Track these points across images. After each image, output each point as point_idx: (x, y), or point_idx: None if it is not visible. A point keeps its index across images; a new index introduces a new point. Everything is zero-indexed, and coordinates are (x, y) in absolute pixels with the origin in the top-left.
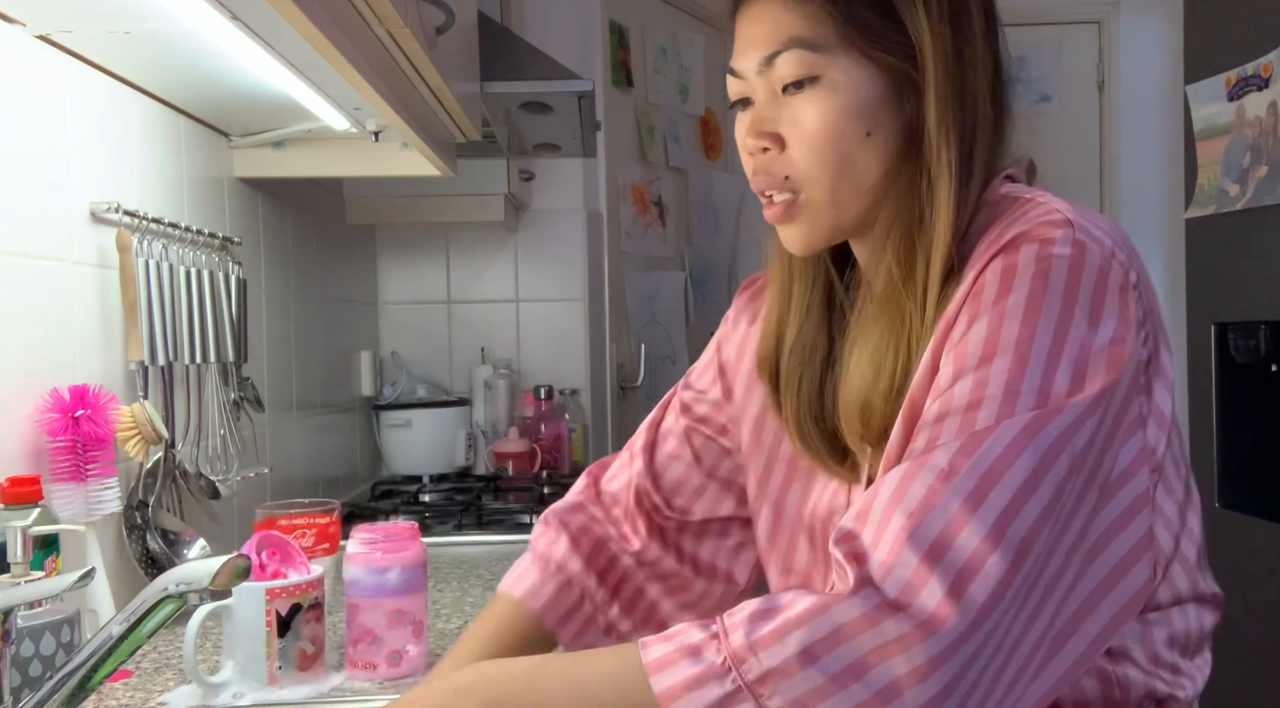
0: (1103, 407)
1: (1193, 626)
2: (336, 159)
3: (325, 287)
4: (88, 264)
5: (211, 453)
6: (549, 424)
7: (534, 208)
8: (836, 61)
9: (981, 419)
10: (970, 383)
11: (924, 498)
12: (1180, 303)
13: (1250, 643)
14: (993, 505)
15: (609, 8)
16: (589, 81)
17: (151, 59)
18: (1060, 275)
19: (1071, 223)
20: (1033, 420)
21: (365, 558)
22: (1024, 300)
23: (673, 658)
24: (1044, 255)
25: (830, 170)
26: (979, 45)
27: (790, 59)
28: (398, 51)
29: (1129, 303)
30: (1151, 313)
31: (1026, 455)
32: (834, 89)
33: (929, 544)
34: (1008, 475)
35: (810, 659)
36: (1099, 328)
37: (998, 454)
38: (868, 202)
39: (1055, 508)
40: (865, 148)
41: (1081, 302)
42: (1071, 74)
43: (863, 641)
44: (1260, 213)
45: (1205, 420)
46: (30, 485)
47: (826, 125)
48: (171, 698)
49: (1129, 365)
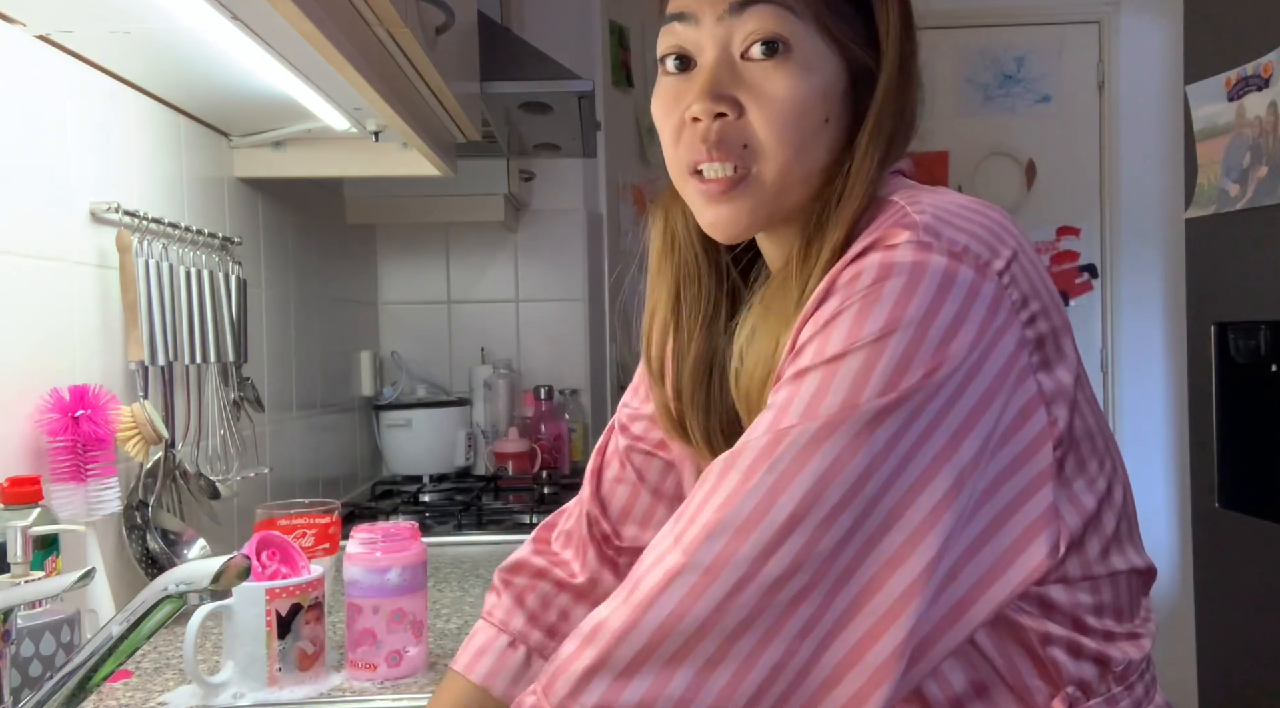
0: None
1: (1121, 595)
2: (336, 159)
3: (325, 287)
4: (88, 264)
5: (211, 453)
6: (549, 424)
7: (534, 208)
8: (809, 38)
9: (789, 417)
10: (785, 393)
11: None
12: (1180, 303)
13: (1250, 643)
14: (784, 504)
15: (609, 8)
16: (589, 81)
17: (151, 59)
18: (897, 283)
19: (919, 226)
20: (831, 419)
21: (365, 558)
22: (856, 311)
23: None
24: (885, 262)
25: (789, 147)
26: (915, 39)
27: (763, 13)
28: (398, 51)
29: (980, 297)
30: (1037, 292)
31: (821, 453)
32: (806, 66)
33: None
34: (798, 479)
35: (620, 689)
36: (929, 330)
37: (792, 457)
38: (808, 189)
39: (858, 497)
40: (821, 133)
41: (915, 306)
42: (1071, 74)
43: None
44: (1260, 213)
45: (1205, 420)
46: (30, 485)
47: (796, 101)
48: (171, 698)
49: (978, 356)
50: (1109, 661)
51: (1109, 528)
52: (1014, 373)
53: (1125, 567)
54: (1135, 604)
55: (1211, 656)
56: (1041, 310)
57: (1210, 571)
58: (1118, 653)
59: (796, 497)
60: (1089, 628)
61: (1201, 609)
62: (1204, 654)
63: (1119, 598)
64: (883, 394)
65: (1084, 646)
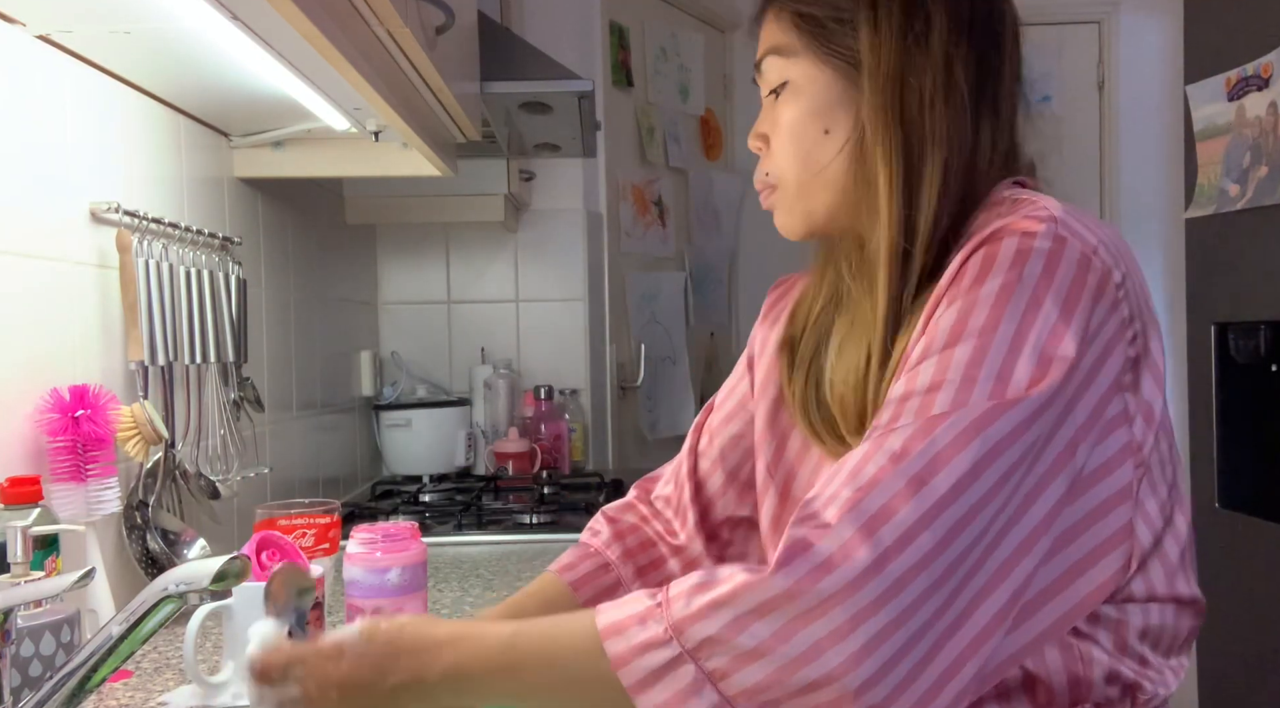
0: (1065, 398)
1: (1168, 623)
2: (336, 159)
3: (325, 287)
4: (88, 264)
5: (211, 453)
6: (549, 424)
7: (534, 208)
8: (800, 66)
9: (939, 403)
10: (934, 366)
11: (873, 476)
12: (1180, 303)
13: (1250, 643)
14: (935, 489)
15: (609, 8)
16: (589, 81)
17: (151, 59)
18: (1036, 266)
19: (1056, 219)
20: (987, 412)
21: (365, 558)
22: (996, 289)
23: (624, 625)
24: (1023, 246)
25: (795, 165)
26: (936, 54)
27: (769, 65)
28: (398, 51)
29: (1105, 298)
30: (1141, 313)
31: (974, 446)
32: (797, 91)
33: (867, 517)
34: (954, 462)
35: (740, 629)
36: (1070, 321)
37: (948, 442)
38: (834, 193)
39: (999, 495)
40: (824, 144)
41: (1054, 293)
42: (1071, 74)
43: (789, 609)
44: (1260, 213)
45: (1205, 420)
46: (30, 485)
47: (791, 124)
48: (171, 698)
49: (1097, 360)
50: (1136, 688)
51: (1173, 554)
52: (1117, 383)
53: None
54: (1176, 642)
55: (1211, 656)
56: (1142, 331)
57: (1210, 571)
58: (1146, 683)
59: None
60: (1129, 650)
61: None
62: (1204, 654)
63: (1163, 626)
64: (1031, 386)
65: (1120, 672)
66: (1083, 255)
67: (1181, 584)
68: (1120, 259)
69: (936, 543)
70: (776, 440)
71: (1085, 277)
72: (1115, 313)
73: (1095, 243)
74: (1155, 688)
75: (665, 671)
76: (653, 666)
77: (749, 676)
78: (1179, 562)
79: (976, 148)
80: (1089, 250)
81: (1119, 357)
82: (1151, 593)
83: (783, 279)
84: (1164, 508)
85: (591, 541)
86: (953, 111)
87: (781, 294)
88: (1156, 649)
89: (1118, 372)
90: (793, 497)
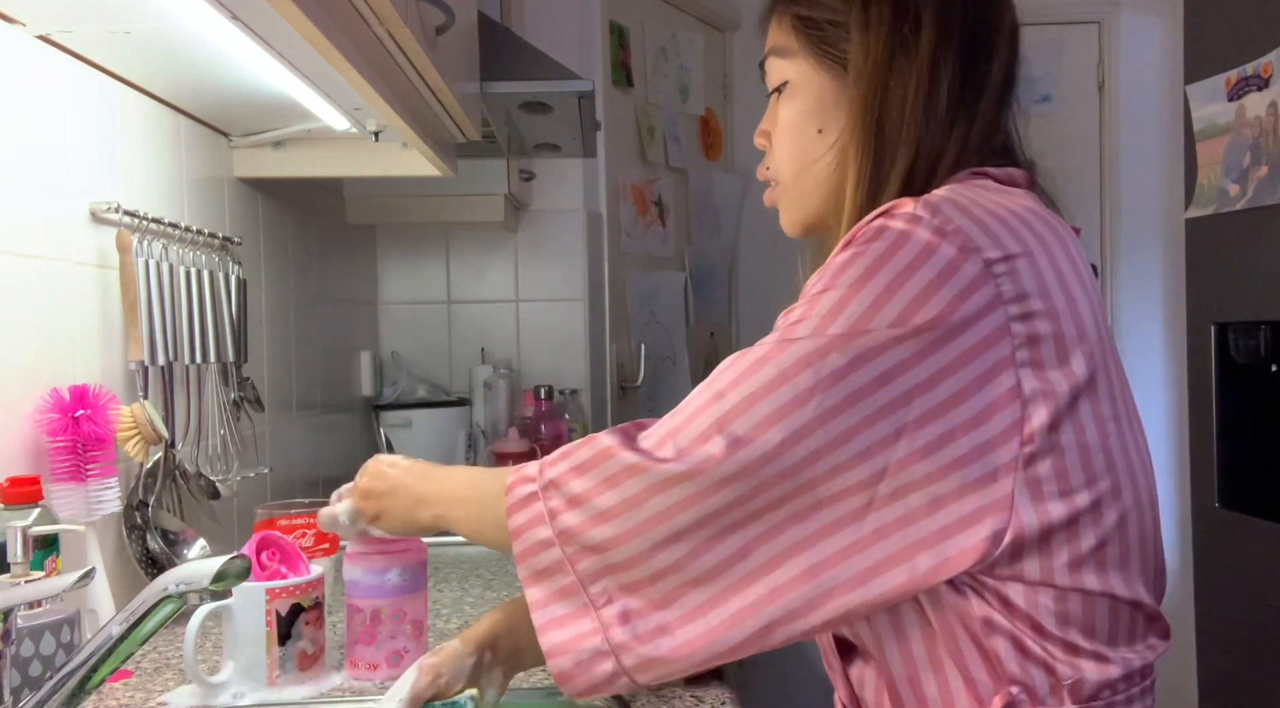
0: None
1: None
2: (336, 159)
3: (325, 287)
4: (88, 264)
5: (211, 453)
6: (549, 424)
7: (534, 208)
8: (798, 66)
9: (799, 332)
10: (777, 329)
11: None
12: (1180, 303)
13: (1250, 642)
14: (728, 399)
15: (609, 8)
16: (589, 81)
17: (151, 59)
18: (880, 246)
19: (921, 202)
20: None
21: (365, 558)
22: (842, 261)
23: (521, 468)
24: (879, 226)
25: (791, 164)
26: (923, 58)
27: (770, 65)
28: (398, 51)
29: (955, 275)
30: (1043, 296)
31: (768, 369)
32: (795, 91)
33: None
34: (795, 379)
35: (575, 476)
36: (899, 289)
37: (747, 365)
38: (825, 192)
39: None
40: (817, 143)
41: (891, 267)
42: (1071, 74)
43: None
44: (1260, 213)
45: (1205, 420)
46: (30, 485)
47: (788, 123)
48: (171, 698)
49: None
50: (1057, 673)
51: (1085, 544)
52: (988, 360)
53: (1100, 589)
54: (1116, 631)
55: (1211, 656)
56: (1046, 312)
57: (1210, 571)
58: (1068, 668)
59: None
60: (1048, 634)
61: (1201, 609)
62: (1204, 654)
63: (1092, 617)
64: (847, 333)
65: (1029, 648)
66: (930, 237)
67: (1102, 579)
68: (1009, 240)
69: (766, 452)
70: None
71: (926, 258)
72: (977, 288)
73: (959, 225)
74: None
75: (526, 502)
76: (520, 495)
77: (563, 521)
78: (1097, 553)
79: (943, 152)
80: (943, 231)
81: (984, 329)
82: (1050, 578)
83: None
84: (1072, 494)
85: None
86: (930, 118)
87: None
88: (1090, 638)
89: (981, 344)
90: None
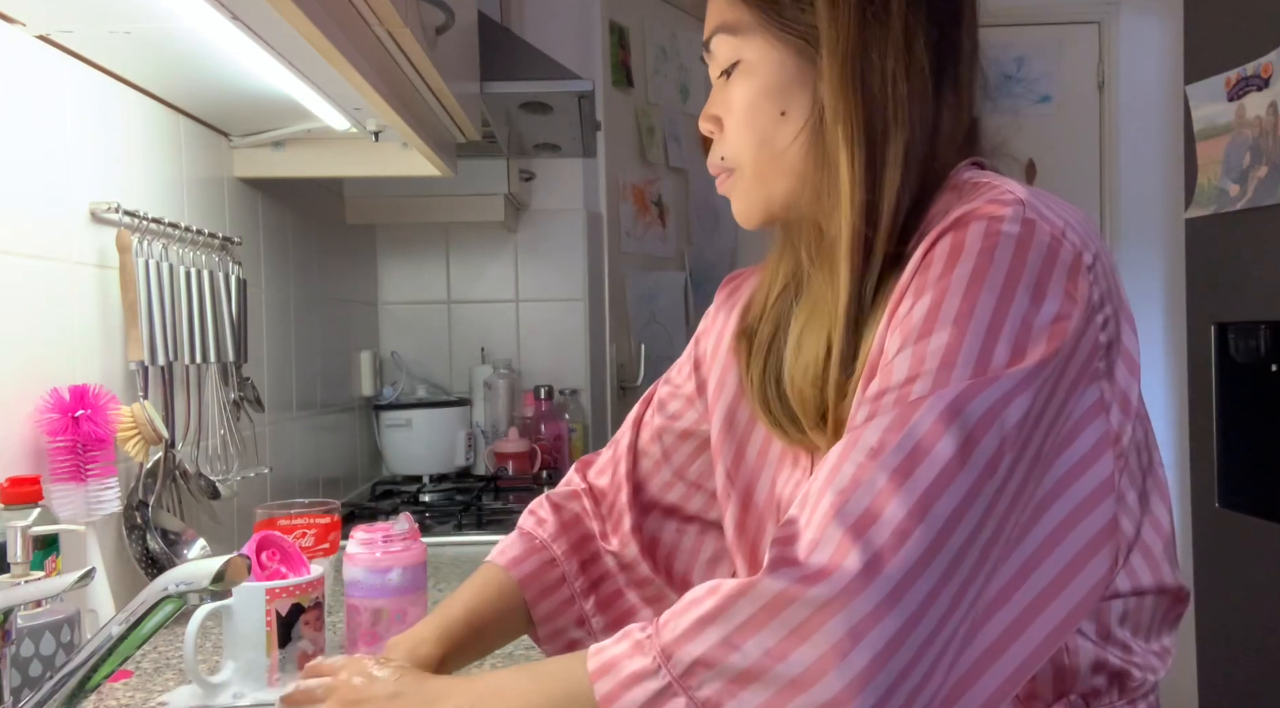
0: (1041, 379)
1: (1146, 609)
2: (336, 159)
3: (325, 287)
4: (88, 264)
5: (211, 453)
6: (549, 424)
7: (534, 208)
8: (752, 44)
9: (915, 392)
10: (909, 359)
11: (854, 476)
12: (1180, 303)
13: (1250, 643)
14: (919, 480)
15: (609, 8)
16: (589, 81)
17: (151, 59)
18: (1006, 251)
19: (1022, 202)
20: (964, 391)
21: (365, 558)
22: (968, 275)
23: (615, 661)
24: (991, 231)
25: (751, 148)
26: (897, 28)
27: (718, 43)
28: (398, 51)
29: (1078, 282)
30: (1111, 297)
31: (955, 428)
32: (750, 71)
33: (854, 519)
34: (936, 449)
35: (731, 648)
36: (1042, 304)
37: (927, 427)
38: (793, 178)
39: (991, 479)
40: (781, 126)
41: (1026, 278)
42: (1071, 74)
43: (782, 620)
44: (1260, 213)
45: (1205, 420)
46: (30, 485)
47: (745, 106)
48: (171, 698)
49: (1072, 341)
50: (1124, 676)
51: (1154, 546)
52: (1090, 370)
53: (1155, 584)
54: (1160, 626)
55: (1211, 656)
56: (1114, 316)
57: (1210, 571)
58: (1133, 670)
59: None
60: (1112, 638)
61: (1201, 609)
62: (1204, 654)
63: (1142, 613)
64: (1009, 365)
65: (1107, 661)
66: (1052, 238)
67: (1166, 576)
68: (1090, 241)
69: (933, 539)
70: (735, 445)
71: (1055, 260)
72: (1090, 293)
73: (1062, 225)
74: (1144, 675)
75: (653, 704)
76: (640, 700)
77: (743, 704)
78: (1162, 553)
79: (938, 128)
80: (1057, 233)
81: (1091, 338)
82: (1137, 586)
83: (733, 274)
84: (1142, 498)
85: (537, 531)
86: (914, 89)
87: (734, 289)
88: (1138, 634)
89: (1090, 353)
90: (754, 502)
